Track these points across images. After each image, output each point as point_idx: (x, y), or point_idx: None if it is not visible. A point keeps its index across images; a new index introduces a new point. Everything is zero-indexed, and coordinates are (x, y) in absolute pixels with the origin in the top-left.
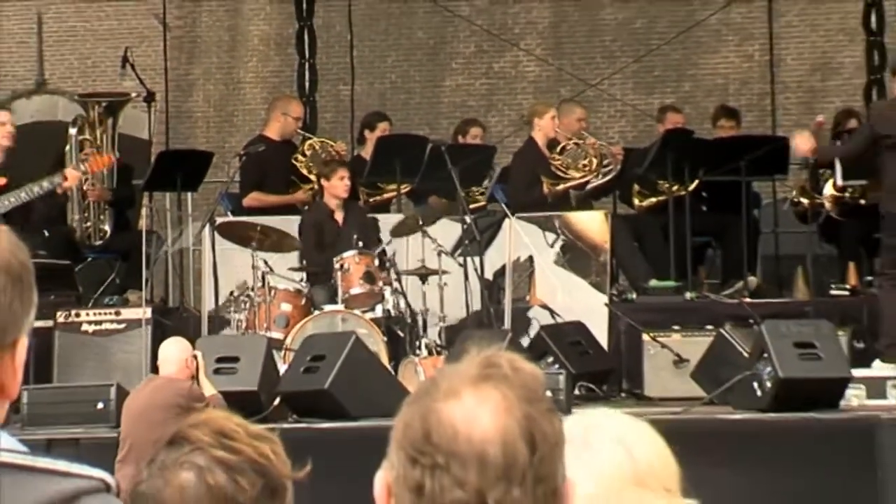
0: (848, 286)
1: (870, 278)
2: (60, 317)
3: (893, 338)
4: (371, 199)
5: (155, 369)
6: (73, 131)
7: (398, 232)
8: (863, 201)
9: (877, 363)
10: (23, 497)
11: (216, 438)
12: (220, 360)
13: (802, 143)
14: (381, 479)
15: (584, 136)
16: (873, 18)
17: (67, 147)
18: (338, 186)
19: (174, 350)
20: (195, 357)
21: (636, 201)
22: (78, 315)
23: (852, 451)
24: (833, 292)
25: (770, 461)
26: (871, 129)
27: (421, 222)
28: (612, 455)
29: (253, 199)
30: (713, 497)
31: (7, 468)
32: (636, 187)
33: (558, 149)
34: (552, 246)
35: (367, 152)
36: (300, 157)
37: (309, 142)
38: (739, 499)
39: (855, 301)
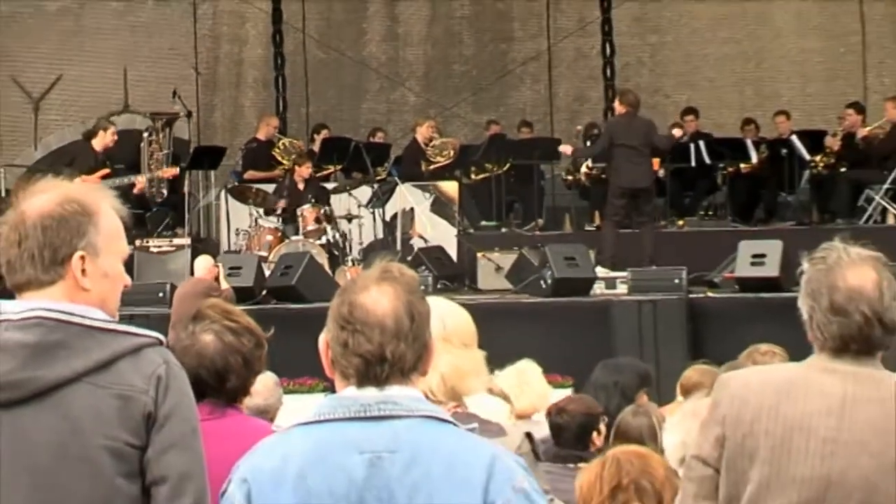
0: (595, 225)
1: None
2: (137, 243)
3: (607, 253)
4: (318, 175)
5: (192, 274)
6: (145, 135)
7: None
8: (604, 175)
9: (599, 269)
10: (111, 346)
11: (223, 314)
12: (230, 268)
13: (566, 150)
14: (323, 338)
15: (438, 136)
16: (608, 71)
17: (142, 144)
18: (304, 171)
19: (203, 262)
20: (216, 266)
21: (473, 176)
22: (148, 242)
23: (596, 320)
24: (587, 228)
25: (550, 327)
26: (608, 137)
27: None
28: (434, 323)
29: (249, 175)
30: (516, 349)
31: (101, 330)
32: (473, 168)
33: (431, 144)
34: (427, 200)
35: (315, 147)
36: (277, 150)
37: (282, 140)
38: (532, 349)
39: (599, 234)
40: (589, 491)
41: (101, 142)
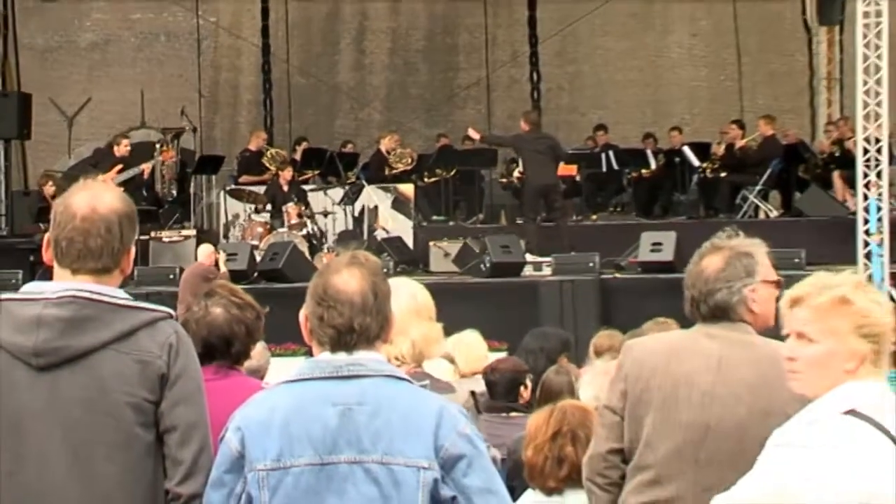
0: (523, 220)
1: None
2: (152, 234)
3: (533, 243)
4: (299, 178)
5: (195, 259)
6: (158, 146)
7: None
8: None
9: (528, 255)
10: (131, 320)
11: (231, 292)
12: (228, 254)
13: (473, 134)
14: (303, 313)
15: (399, 147)
16: (535, 94)
17: (155, 153)
18: (287, 175)
19: (205, 250)
20: (216, 253)
21: (426, 179)
22: (160, 233)
23: (526, 297)
24: (518, 222)
25: (489, 302)
26: (515, 140)
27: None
28: (407, 299)
29: (243, 179)
30: (461, 320)
31: (123, 307)
32: (426, 172)
33: (392, 153)
34: (388, 199)
35: (297, 156)
36: (265, 158)
37: (269, 150)
38: (474, 320)
39: (528, 227)
40: (536, 431)
41: (119, 150)
